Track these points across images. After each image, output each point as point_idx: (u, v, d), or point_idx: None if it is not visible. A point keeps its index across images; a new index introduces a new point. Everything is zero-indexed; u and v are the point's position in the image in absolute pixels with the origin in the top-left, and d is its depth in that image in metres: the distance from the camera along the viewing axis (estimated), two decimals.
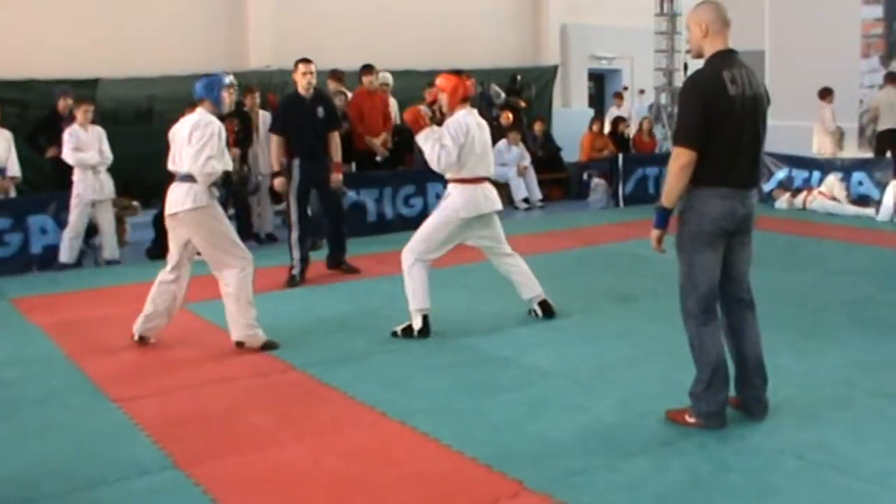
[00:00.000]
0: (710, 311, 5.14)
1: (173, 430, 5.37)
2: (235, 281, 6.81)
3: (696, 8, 5.09)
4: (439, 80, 7.43)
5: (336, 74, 12.82)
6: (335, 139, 9.64)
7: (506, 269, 7.71)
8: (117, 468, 4.82)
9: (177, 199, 6.76)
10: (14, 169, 11.06)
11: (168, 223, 6.95)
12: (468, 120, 7.23)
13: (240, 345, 6.88)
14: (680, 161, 4.95)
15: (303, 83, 9.44)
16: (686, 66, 15.84)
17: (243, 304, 6.83)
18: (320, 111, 9.47)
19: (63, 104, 11.88)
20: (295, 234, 9.33)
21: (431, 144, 7.11)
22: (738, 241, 5.17)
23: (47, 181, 11.98)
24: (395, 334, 7.24)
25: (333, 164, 9.60)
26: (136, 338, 7.13)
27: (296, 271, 9.34)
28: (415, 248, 7.25)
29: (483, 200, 7.36)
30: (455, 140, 7.08)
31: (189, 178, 6.70)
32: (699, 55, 5.09)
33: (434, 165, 7.20)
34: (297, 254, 9.35)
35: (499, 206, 7.56)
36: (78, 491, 4.59)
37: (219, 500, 4.41)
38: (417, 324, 7.20)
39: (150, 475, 4.74)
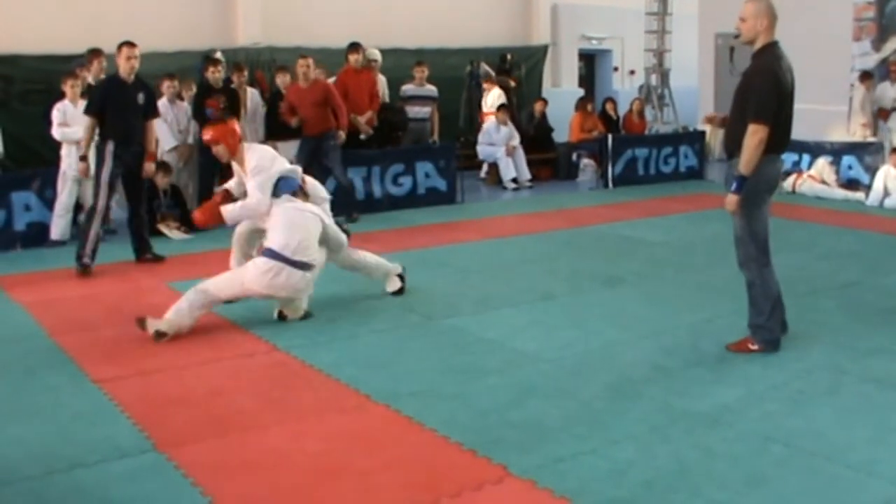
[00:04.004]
0: (768, 253, 6.15)
1: (154, 412, 5.30)
2: None
3: (756, 3, 5.96)
4: (208, 135, 7.47)
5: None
6: (152, 128, 9.39)
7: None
8: (97, 450, 4.75)
9: None
10: None
11: None
12: (262, 153, 7.43)
13: None
14: (759, 135, 5.78)
15: (126, 67, 9.01)
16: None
17: None
18: (140, 97, 9.13)
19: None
20: (97, 224, 8.99)
21: (241, 208, 7.28)
22: (769, 198, 6.17)
23: None
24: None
25: (147, 154, 9.32)
26: None
27: (88, 260, 8.91)
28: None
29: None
30: (263, 186, 7.18)
31: None
32: (751, 42, 6.00)
33: (263, 213, 7.20)
34: (91, 247, 8.95)
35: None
36: (56, 473, 4.52)
37: (199, 484, 4.35)
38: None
39: (129, 458, 4.67)
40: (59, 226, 10.33)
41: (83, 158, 9.30)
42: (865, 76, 14.93)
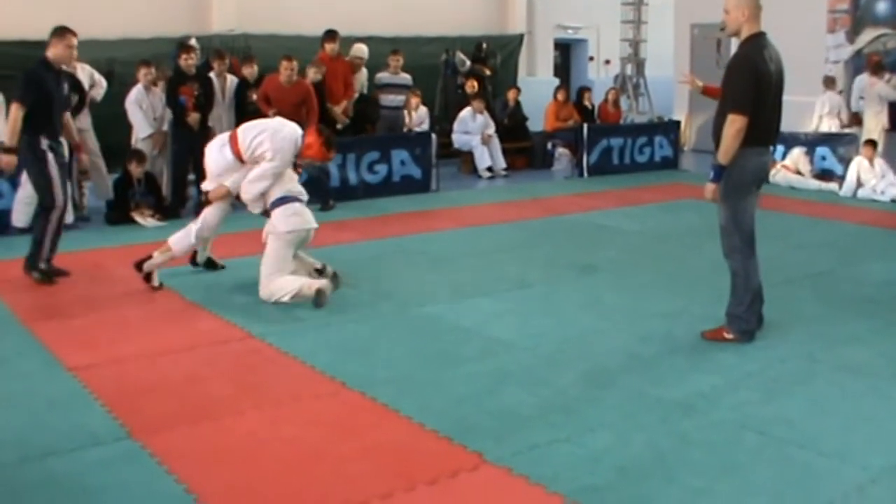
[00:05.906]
0: (752, 245, 6.16)
1: (129, 399, 5.27)
2: None
3: None
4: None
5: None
6: (70, 122, 8.71)
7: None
8: (71, 438, 4.73)
9: None
10: None
11: None
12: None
13: None
14: (736, 125, 5.80)
15: (65, 56, 8.03)
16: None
17: None
18: (66, 88, 8.23)
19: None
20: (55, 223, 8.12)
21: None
22: (757, 190, 6.19)
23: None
24: None
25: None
26: None
27: (44, 265, 8.11)
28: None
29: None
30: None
31: None
32: (735, 34, 6.03)
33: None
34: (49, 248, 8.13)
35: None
36: (29, 461, 4.49)
37: (174, 471, 4.33)
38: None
39: (104, 446, 4.65)
40: (25, 213, 10.19)
41: (9, 151, 7.78)
42: (878, 68, 14.14)
